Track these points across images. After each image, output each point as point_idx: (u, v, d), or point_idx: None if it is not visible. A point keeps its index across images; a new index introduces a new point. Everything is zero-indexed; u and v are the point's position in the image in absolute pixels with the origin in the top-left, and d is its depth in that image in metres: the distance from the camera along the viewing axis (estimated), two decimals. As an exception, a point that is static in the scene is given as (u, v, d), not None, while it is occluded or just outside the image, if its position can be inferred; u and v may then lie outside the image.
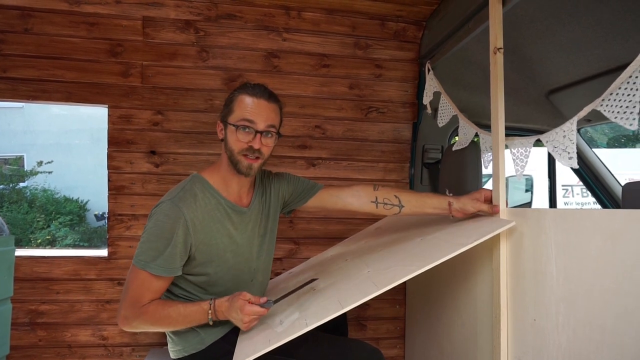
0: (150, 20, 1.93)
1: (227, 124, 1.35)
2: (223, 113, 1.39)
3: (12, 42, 1.84)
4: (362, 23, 2.10)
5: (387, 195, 1.49)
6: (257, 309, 1.23)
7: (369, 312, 2.19)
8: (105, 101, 1.92)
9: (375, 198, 1.50)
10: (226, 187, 1.42)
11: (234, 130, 1.33)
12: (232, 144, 1.34)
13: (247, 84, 1.41)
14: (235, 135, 1.33)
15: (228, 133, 1.36)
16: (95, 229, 9.59)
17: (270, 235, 1.57)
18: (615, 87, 0.99)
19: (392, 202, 1.48)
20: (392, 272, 1.24)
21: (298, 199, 1.62)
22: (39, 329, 1.91)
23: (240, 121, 1.33)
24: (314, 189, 1.61)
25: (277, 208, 1.59)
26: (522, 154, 1.28)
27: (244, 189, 1.47)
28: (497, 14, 1.31)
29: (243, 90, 1.37)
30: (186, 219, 1.29)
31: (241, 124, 1.32)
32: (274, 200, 1.57)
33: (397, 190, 1.51)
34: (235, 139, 1.33)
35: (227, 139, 1.36)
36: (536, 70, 1.95)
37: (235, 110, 1.34)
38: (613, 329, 0.90)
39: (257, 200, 1.51)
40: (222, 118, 1.39)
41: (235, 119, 1.33)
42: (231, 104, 1.36)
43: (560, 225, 1.06)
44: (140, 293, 1.27)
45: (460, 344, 1.54)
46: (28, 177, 9.56)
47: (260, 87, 1.38)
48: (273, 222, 1.57)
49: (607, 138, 10.61)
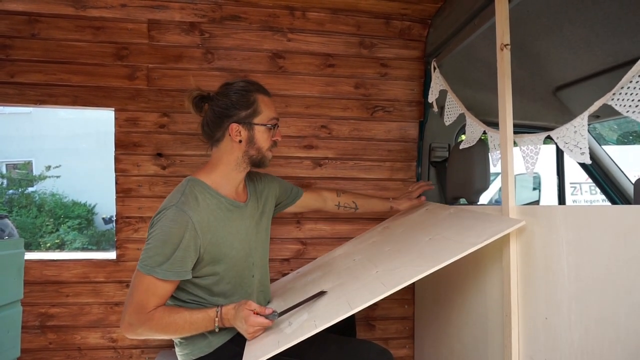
0: (155, 23, 1.94)
1: (254, 125, 1.42)
2: (242, 115, 1.40)
3: (19, 48, 1.86)
4: (366, 22, 2.09)
5: (347, 200, 1.86)
6: (261, 320, 1.23)
7: (377, 312, 2.18)
8: (111, 104, 1.93)
9: (338, 202, 1.86)
10: (224, 185, 1.45)
11: (265, 129, 1.44)
12: (261, 143, 1.44)
13: (251, 82, 1.46)
14: (266, 134, 1.44)
15: (256, 133, 1.43)
16: (103, 232, 9.66)
17: (266, 230, 1.62)
18: (627, 81, 0.97)
19: (350, 205, 1.86)
20: (401, 272, 1.23)
21: (286, 202, 1.77)
22: (49, 332, 1.92)
23: (271, 120, 1.45)
24: (298, 194, 1.79)
25: (272, 204, 1.66)
26: (532, 151, 1.26)
27: (241, 185, 1.52)
28: (504, 10, 1.30)
29: (257, 91, 1.44)
30: (193, 222, 1.30)
31: (273, 123, 1.45)
32: (268, 197, 1.64)
33: (354, 196, 1.88)
34: (266, 137, 1.45)
35: (255, 138, 1.43)
36: (543, 67, 1.94)
37: (264, 110, 1.43)
38: (626, 326, 0.89)
39: (252, 195, 1.56)
40: (243, 120, 1.41)
41: (266, 119, 1.44)
42: (253, 105, 1.42)
43: (571, 222, 1.05)
44: (145, 298, 1.27)
45: (471, 344, 1.53)
46: (37, 182, 9.64)
47: (257, 83, 1.48)
48: (267, 218, 1.63)
49: (616, 135, 10.50)
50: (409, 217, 1.86)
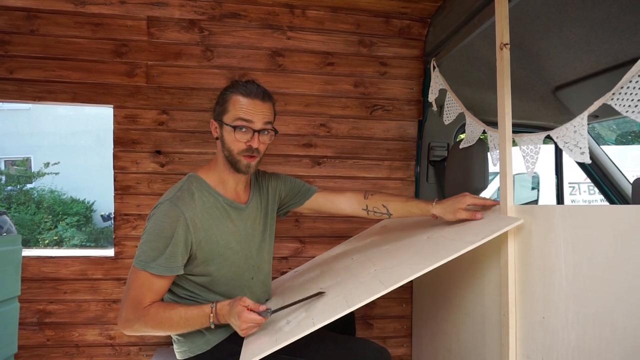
0: (154, 20, 1.94)
1: (223, 123, 1.35)
2: (216, 111, 1.38)
3: (18, 44, 1.85)
4: (366, 21, 2.09)
5: (376, 204, 1.57)
6: (254, 316, 1.22)
7: (375, 311, 2.19)
8: (110, 101, 1.93)
9: (365, 206, 1.58)
10: (223, 184, 1.43)
11: (231, 130, 1.33)
12: (230, 144, 1.35)
13: (239, 82, 1.39)
14: (232, 136, 1.33)
15: (224, 133, 1.36)
16: (101, 229, 9.66)
17: (270, 232, 1.58)
18: (626, 81, 0.97)
19: (381, 210, 1.57)
20: (399, 270, 1.23)
21: (294, 200, 1.64)
22: (46, 329, 1.92)
23: (236, 121, 1.33)
24: (310, 191, 1.64)
25: (274, 206, 1.61)
26: (532, 150, 1.26)
27: (241, 185, 1.48)
28: (503, 9, 1.30)
29: (236, 90, 1.35)
30: (186, 217, 1.29)
31: (238, 124, 1.32)
32: (272, 198, 1.59)
33: (385, 199, 1.57)
34: (233, 139, 1.34)
35: (224, 138, 1.36)
36: (543, 66, 1.94)
37: (230, 109, 1.34)
38: (624, 326, 0.89)
39: (254, 197, 1.52)
40: (216, 117, 1.38)
41: (231, 119, 1.33)
42: (225, 103, 1.35)
43: (569, 221, 1.05)
44: (141, 294, 1.27)
45: (468, 342, 1.53)
46: (35, 179, 9.63)
47: (253, 85, 1.37)
48: (271, 219, 1.58)
49: (615, 135, 10.51)
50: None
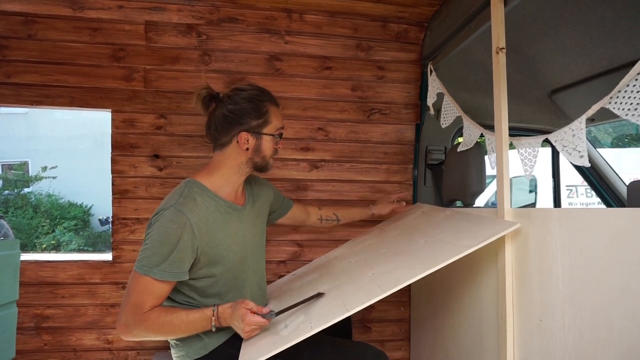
0: (152, 25, 1.94)
1: (263, 134, 1.44)
2: (252, 124, 1.42)
3: (15, 48, 1.85)
4: (363, 25, 2.10)
5: (328, 213, 1.92)
6: (258, 319, 1.23)
7: (373, 314, 2.19)
8: (108, 105, 1.93)
9: (320, 216, 1.91)
10: (223, 188, 1.45)
11: (272, 139, 1.46)
12: (266, 151, 1.46)
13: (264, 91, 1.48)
14: (272, 143, 1.47)
15: (263, 142, 1.45)
16: (99, 233, 9.63)
17: (261, 234, 1.63)
18: (624, 85, 0.98)
19: (332, 218, 1.92)
20: (397, 274, 1.24)
21: (278, 213, 1.80)
22: (44, 333, 1.91)
23: (278, 130, 1.48)
24: (290, 203, 1.84)
25: (266, 210, 1.68)
26: (530, 153, 1.27)
27: (240, 188, 1.53)
28: (499, 14, 1.31)
29: (269, 101, 1.46)
30: (191, 223, 1.30)
31: (280, 133, 1.49)
32: (263, 202, 1.66)
33: (335, 209, 1.94)
34: (271, 146, 1.47)
35: (262, 147, 1.45)
36: (539, 70, 1.95)
37: (273, 121, 1.45)
38: (620, 329, 0.90)
39: (249, 199, 1.57)
40: (254, 129, 1.42)
41: (274, 130, 1.46)
42: (264, 115, 1.43)
43: (566, 224, 1.05)
44: (142, 299, 1.26)
45: (466, 346, 1.53)
46: (33, 183, 9.61)
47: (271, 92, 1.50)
48: (262, 222, 1.65)
49: (611, 138, 10.56)
50: (405, 219, 1.86)
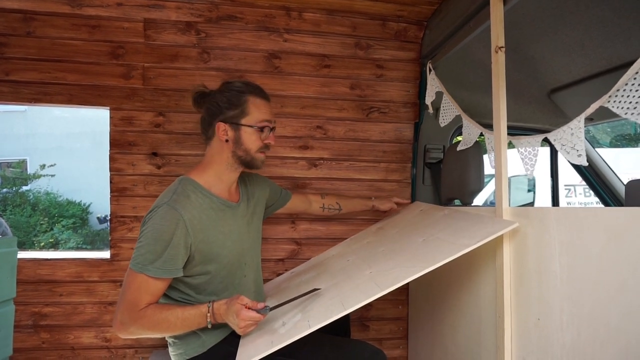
0: (151, 22, 1.94)
1: (242, 125, 1.41)
2: (229, 115, 1.41)
3: (14, 45, 1.85)
4: (362, 23, 2.10)
5: (331, 202, 1.93)
6: (253, 314, 1.23)
7: (371, 313, 2.19)
8: (106, 103, 1.92)
9: (322, 204, 1.92)
10: (216, 185, 1.45)
11: (253, 131, 1.43)
12: (249, 144, 1.43)
13: (248, 84, 1.47)
14: (254, 136, 1.43)
15: (242, 134, 1.42)
16: (97, 231, 9.62)
17: (257, 231, 1.63)
18: (623, 83, 0.98)
19: (334, 207, 1.93)
20: (395, 273, 1.24)
21: (275, 205, 1.80)
22: (42, 331, 1.91)
23: (261, 123, 1.43)
24: (288, 195, 1.83)
25: (262, 206, 1.68)
26: (531, 152, 1.27)
27: (234, 185, 1.53)
28: (498, 13, 1.31)
29: (251, 93, 1.44)
30: (184, 220, 1.30)
31: (262, 125, 1.44)
32: (260, 198, 1.66)
33: (338, 198, 1.95)
34: (254, 139, 1.43)
35: (241, 139, 1.42)
36: (538, 69, 1.95)
37: (252, 112, 1.42)
38: (618, 328, 0.90)
39: (243, 195, 1.57)
40: (230, 119, 1.41)
41: (254, 121, 1.42)
42: (242, 106, 1.42)
43: (564, 223, 1.06)
44: (137, 296, 1.26)
45: (464, 344, 1.53)
46: (31, 181, 9.59)
47: (259, 87, 1.48)
48: (258, 219, 1.64)
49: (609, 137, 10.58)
50: (403, 218, 1.86)
